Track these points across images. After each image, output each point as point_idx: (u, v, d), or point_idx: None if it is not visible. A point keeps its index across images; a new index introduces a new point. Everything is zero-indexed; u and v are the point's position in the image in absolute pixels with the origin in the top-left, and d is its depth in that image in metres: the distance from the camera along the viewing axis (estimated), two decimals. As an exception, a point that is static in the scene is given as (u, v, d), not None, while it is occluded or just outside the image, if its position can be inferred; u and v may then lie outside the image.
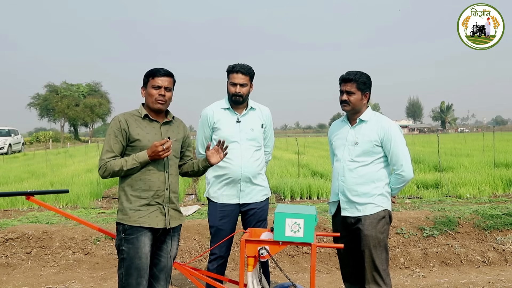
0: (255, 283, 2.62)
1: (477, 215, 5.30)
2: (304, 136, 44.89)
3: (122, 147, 2.64)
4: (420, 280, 4.37)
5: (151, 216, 2.61)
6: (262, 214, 3.35)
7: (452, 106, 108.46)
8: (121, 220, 2.61)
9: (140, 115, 2.70)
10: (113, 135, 2.63)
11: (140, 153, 2.59)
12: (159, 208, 2.64)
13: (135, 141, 2.63)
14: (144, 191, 2.62)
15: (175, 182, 2.76)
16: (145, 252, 2.58)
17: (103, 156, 2.62)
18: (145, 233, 2.58)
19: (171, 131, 2.76)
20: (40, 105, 56.65)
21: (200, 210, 6.24)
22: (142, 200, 2.61)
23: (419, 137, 39.59)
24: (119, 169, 2.57)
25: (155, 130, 2.69)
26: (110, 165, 2.59)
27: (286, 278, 2.98)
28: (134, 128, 2.64)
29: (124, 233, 2.59)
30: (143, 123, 2.68)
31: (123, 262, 2.59)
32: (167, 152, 2.57)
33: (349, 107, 3.06)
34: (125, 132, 2.63)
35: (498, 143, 15.71)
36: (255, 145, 3.33)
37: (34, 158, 19.69)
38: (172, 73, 2.74)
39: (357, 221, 3.03)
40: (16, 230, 5.16)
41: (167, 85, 2.67)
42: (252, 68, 3.31)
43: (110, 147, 2.62)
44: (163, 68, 2.71)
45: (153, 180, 2.63)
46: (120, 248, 2.61)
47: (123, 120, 2.65)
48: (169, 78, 2.69)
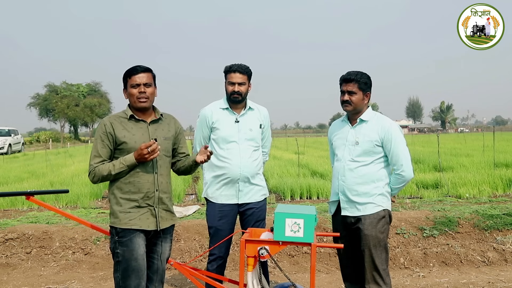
0: (255, 283, 2.62)
1: (477, 215, 5.30)
2: (304, 136, 44.85)
3: (110, 151, 2.61)
4: (420, 280, 4.37)
5: (142, 218, 2.58)
6: (261, 214, 3.35)
7: (452, 106, 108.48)
8: (113, 224, 2.59)
9: (126, 116, 2.65)
10: (100, 139, 2.60)
11: (127, 156, 2.55)
12: (149, 210, 2.61)
13: (121, 144, 2.60)
14: (133, 194, 2.58)
15: (166, 182, 2.71)
16: (140, 253, 2.55)
17: (91, 162, 2.60)
18: (138, 235, 2.56)
19: (160, 129, 2.70)
20: (40, 105, 56.65)
21: (200, 210, 6.23)
22: (132, 203, 2.58)
23: (419, 137, 39.58)
24: (108, 174, 2.55)
25: (142, 131, 2.64)
26: (99, 170, 2.56)
27: (286, 278, 2.98)
28: (120, 130, 2.60)
29: (117, 235, 2.57)
30: (129, 124, 2.63)
31: (119, 265, 2.56)
32: (154, 154, 2.51)
33: (351, 107, 3.05)
34: (111, 135, 2.59)
35: (498, 143, 15.70)
36: (254, 145, 3.33)
37: (34, 158, 19.68)
38: (149, 68, 2.67)
39: (357, 221, 3.04)
40: (16, 230, 5.16)
41: (146, 81, 2.61)
42: (249, 67, 3.31)
43: (97, 152, 2.60)
44: (139, 65, 2.65)
45: (142, 182, 2.59)
46: (115, 251, 2.59)
47: (108, 123, 2.61)
48: (147, 74, 2.63)
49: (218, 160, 3.28)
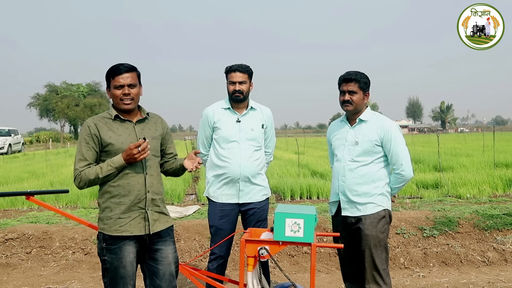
0: (255, 283, 2.62)
1: (477, 215, 5.30)
2: (304, 136, 44.87)
3: (95, 153, 2.48)
4: (420, 280, 4.37)
5: (133, 224, 2.46)
6: (262, 214, 3.35)
7: (452, 106, 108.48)
8: (102, 230, 2.47)
9: (110, 116, 2.52)
10: (84, 142, 2.46)
11: (115, 158, 2.42)
12: (141, 213, 2.48)
13: (107, 145, 2.46)
14: (123, 197, 2.45)
15: (157, 183, 2.58)
16: (129, 261, 2.45)
17: (77, 166, 2.45)
18: (128, 242, 2.45)
19: (147, 129, 2.58)
20: (40, 105, 56.71)
21: (200, 210, 6.23)
22: (122, 206, 2.45)
23: (419, 137, 39.58)
24: (95, 177, 2.41)
25: (128, 131, 2.51)
26: (85, 174, 2.42)
27: (286, 278, 2.98)
28: (105, 131, 2.47)
29: (105, 243, 2.46)
30: (114, 125, 2.51)
31: (106, 272, 2.47)
32: (144, 153, 2.39)
33: (352, 107, 3.05)
34: (96, 137, 2.46)
35: (498, 143, 15.71)
36: (255, 145, 3.33)
37: (34, 158, 19.69)
38: (133, 67, 2.52)
39: (358, 221, 3.04)
40: (16, 230, 5.16)
41: (129, 82, 2.46)
42: (250, 66, 3.31)
43: (82, 155, 2.45)
44: (123, 63, 2.50)
45: (132, 184, 2.46)
46: (102, 258, 2.48)
47: (92, 125, 2.48)
48: (130, 74, 2.48)
49: (219, 159, 3.29)
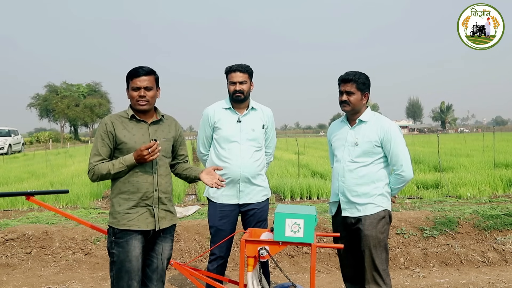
0: (255, 283, 2.62)
1: (477, 215, 5.30)
2: (304, 136, 44.87)
3: (110, 150, 2.63)
4: (420, 280, 4.37)
5: (140, 219, 2.59)
6: (262, 214, 3.35)
7: (452, 106, 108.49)
8: (111, 224, 2.62)
9: (127, 116, 2.66)
10: (100, 138, 2.62)
11: (127, 156, 2.57)
12: (148, 210, 2.62)
13: (121, 143, 2.61)
14: (132, 193, 2.60)
15: (166, 182, 2.71)
16: (135, 255, 2.57)
17: (91, 160, 2.62)
18: (135, 236, 2.58)
19: (160, 130, 2.71)
20: (40, 105, 56.65)
21: (200, 210, 6.23)
22: (130, 202, 2.59)
23: (419, 137, 39.58)
24: (107, 173, 2.57)
25: (142, 131, 2.65)
26: (98, 168, 2.58)
27: (286, 278, 2.98)
28: (120, 130, 2.62)
29: (114, 236, 2.60)
30: (130, 124, 2.65)
31: (113, 265, 2.61)
32: (154, 155, 2.52)
33: (349, 108, 3.05)
34: (111, 134, 2.61)
35: (498, 143, 15.71)
36: (256, 146, 3.33)
37: (34, 158, 19.69)
38: (152, 71, 2.66)
39: (357, 221, 3.04)
40: (16, 230, 5.16)
41: (146, 85, 2.60)
42: (250, 66, 3.31)
43: (97, 150, 2.61)
44: (142, 67, 2.64)
45: (141, 182, 2.60)
46: (111, 251, 2.62)
47: (109, 122, 2.63)
48: (148, 77, 2.62)
49: (219, 160, 3.28)
